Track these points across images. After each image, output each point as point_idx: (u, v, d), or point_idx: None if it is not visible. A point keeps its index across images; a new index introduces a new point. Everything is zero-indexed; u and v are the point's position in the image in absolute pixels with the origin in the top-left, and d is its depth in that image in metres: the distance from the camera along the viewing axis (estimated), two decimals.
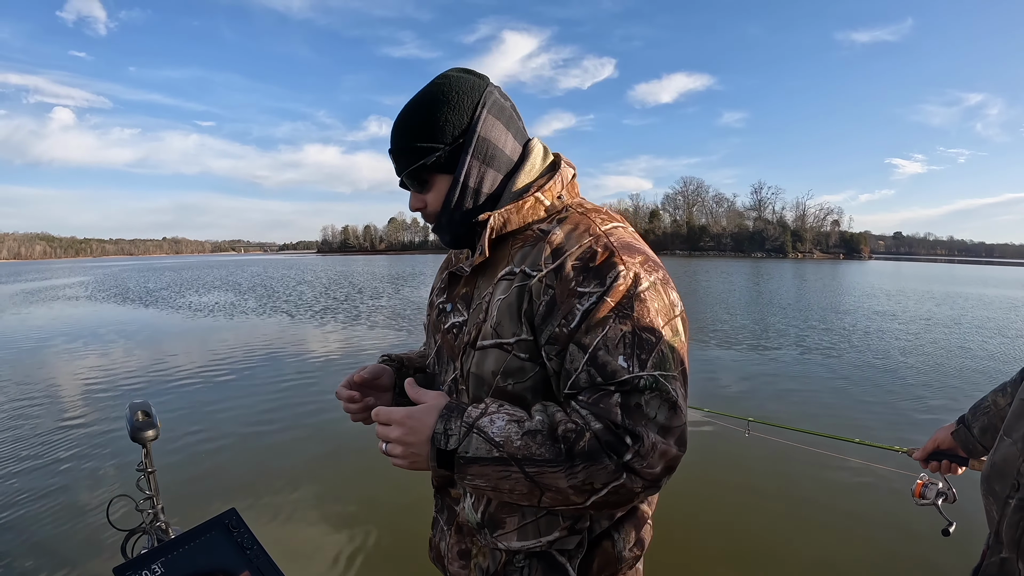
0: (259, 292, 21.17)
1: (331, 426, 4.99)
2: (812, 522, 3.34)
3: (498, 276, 0.87)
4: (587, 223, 0.86)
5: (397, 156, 0.92)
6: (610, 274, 0.79)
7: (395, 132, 0.91)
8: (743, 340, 9.89)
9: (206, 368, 7.54)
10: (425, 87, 0.91)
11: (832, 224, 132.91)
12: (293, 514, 3.39)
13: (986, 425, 1.25)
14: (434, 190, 0.92)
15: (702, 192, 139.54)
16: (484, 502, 0.90)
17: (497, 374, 0.84)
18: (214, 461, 4.25)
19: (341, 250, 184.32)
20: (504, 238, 0.90)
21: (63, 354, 8.89)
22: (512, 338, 0.83)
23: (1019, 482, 0.90)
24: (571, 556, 0.89)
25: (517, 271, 0.85)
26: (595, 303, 0.77)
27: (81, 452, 4.45)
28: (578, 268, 0.80)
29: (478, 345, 0.87)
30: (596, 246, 0.81)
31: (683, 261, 68.23)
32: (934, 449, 1.35)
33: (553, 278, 0.81)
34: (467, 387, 0.89)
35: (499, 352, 0.84)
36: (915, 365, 7.89)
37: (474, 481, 0.76)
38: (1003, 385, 1.25)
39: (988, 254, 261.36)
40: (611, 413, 0.73)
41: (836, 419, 5.35)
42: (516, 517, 0.89)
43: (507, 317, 0.84)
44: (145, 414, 1.92)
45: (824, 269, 49.28)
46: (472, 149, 0.89)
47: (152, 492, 2.00)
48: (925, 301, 18.53)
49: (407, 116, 0.90)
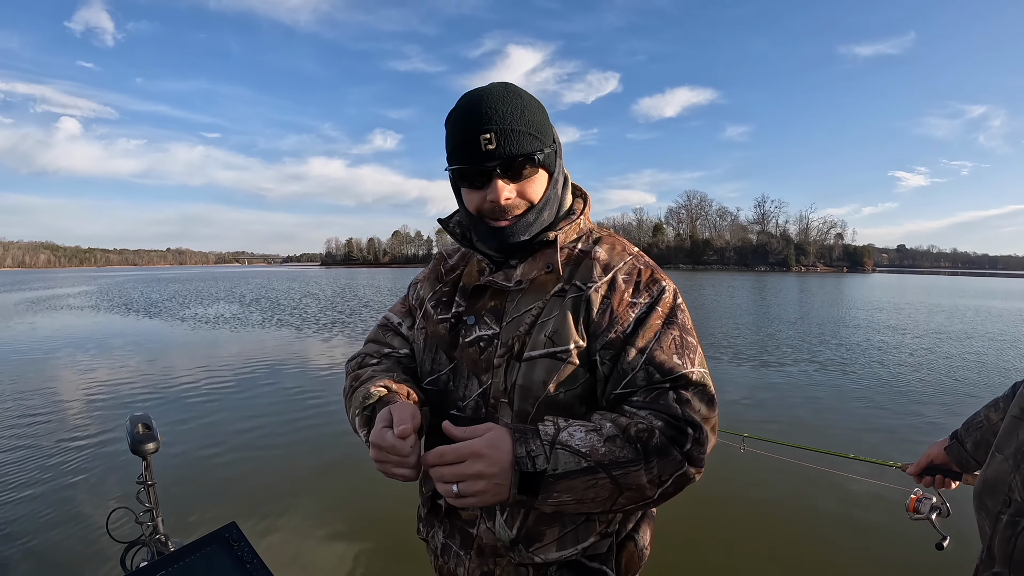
0: (263, 304, 21.18)
1: (333, 440, 4.98)
2: (806, 537, 3.32)
3: (550, 291, 0.91)
4: (621, 244, 0.98)
5: (510, 137, 0.85)
6: (656, 288, 0.91)
7: (507, 114, 0.86)
8: (751, 355, 9.84)
9: (209, 380, 7.54)
10: (513, 86, 0.90)
11: (835, 237, 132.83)
12: (294, 528, 3.37)
13: (979, 440, 1.25)
14: (534, 183, 0.90)
15: (705, 206, 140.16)
16: (521, 517, 0.90)
17: (548, 383, 0.87)
18: (215, 474, 4.24)
19: (345, 263, 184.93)
20: (534, 254, 0.95)
21: (66, 364, 8.90)
22: (570, 346, 0.88)
23: (1010, 498, 0.90)
24: (604, 560, 0.94)
25: (568, 287, 0.91)
26: (647, 312, 0.89)
27: (82, 464, 4.45)
28: (628, 281, 0.91)
29: (525, 356, 0.88)
30: (638, 264, 0.94)
31: (687, 275, 68.07)
32: (928, 464, 1.35)
33: (608, 290, 0.90)
34: (510, 400, 0.89)
35: (551, 362, 0.88)
36: (926, 379, 7.83)
37: (560, 497, 0.76)
38: (995, 400, 1.25)
39: (992, 266, 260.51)
40: (670, 408, 0.82)
41: (836, 435, 5.32)
42: (556, 528, 0.91)
43: (564, 327, 0.88)
44: (145, 427, 1.93)
45: (828, 283, 49.10)
46: (562, 157, 0.95)
47: (152, 505, 2.00)
48: (936, 314, 18.46)
49: (520, 104, 0.87)
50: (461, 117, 0.87)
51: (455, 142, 0.87)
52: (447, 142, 0.90)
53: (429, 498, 1.03)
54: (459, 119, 0.87)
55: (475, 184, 0.88)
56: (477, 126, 0.84)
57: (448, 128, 0.90)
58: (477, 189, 0.89)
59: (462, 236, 1.02)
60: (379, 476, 0.83)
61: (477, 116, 0.85)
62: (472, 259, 1.03)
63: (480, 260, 0.99)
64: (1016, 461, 0.91)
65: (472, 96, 0.88)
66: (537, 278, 0.92)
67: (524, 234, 0.91)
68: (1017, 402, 0.98)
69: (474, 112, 0.85)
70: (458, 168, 0.89)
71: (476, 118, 0.85)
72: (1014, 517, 0.89)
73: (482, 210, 0.90)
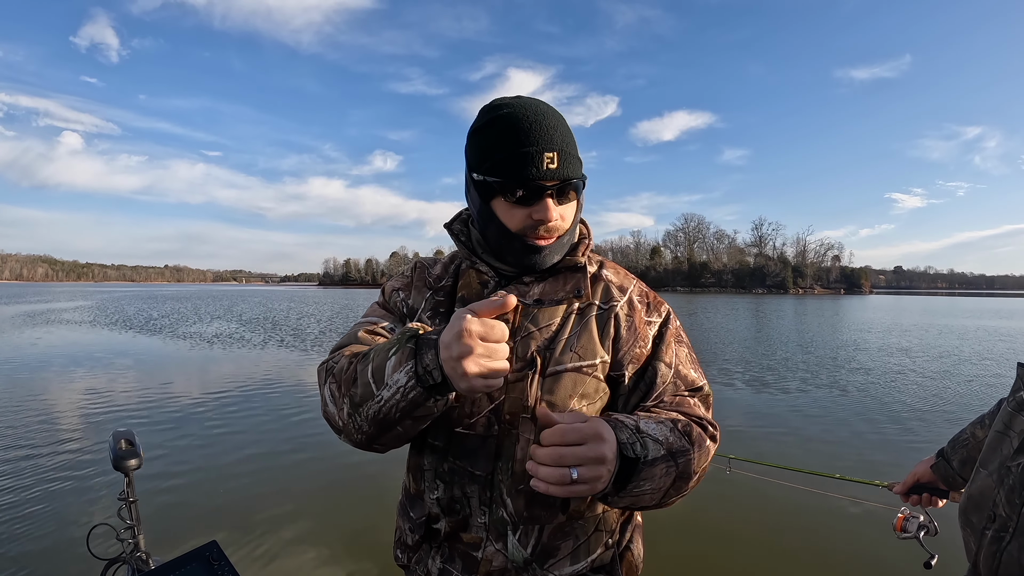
0: (264, 325, 21.11)
1: (319, 461, 4.92)
2: (792, 558, 3.29)
3: (572, 308, 0.94)
4: (621, 268, 1.04)
5: (569, 160, 0.85)
6: (662, 309, 1.00)
7: (566, 136, 0.87)
8: (746, 376, 9.81)
9: (200, 398, 7.48)
10: (554, 110, 0.90)
11: (833, 259, 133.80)
12: (275, 549, 3.32)
13: (965, 458, 1.25)
14: (571, 208, 0.91)
15: (703, 228, 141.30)
16: (536, 533, 0.89)
17: (573, 396, 0.89)
18: (198, 492, 4.19)
19: (343, 283, 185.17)
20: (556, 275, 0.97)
21: (56, 378, 8.82)
22: (596, 360, 0.91)
23: (995, 513, 0.90)
24: (609, 571, 0.95)
25: (584, 305, 0.94)
26: (661, 330, 0.97)
27: (66, 478, 4.39)
28: (641, 302, 0.98)
29: (550, 371, 0.88)
30: (641, 286, 1.02)
31: (685, 298, 68.24)
32: (914, 483, 1.35)
33: (628, 308, 0.96)
34: (532, 415, 0.87)
35: (576, 375, 0.89)
36: (918, 397, 7.76)
37: (643, 486, 0.76)
38: (981, 417, 1.25)
39: (989, 286, 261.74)
40: (697, 409, 0.91)
41: (823, 455, 5.29)
42: (570, 541, 0.91)
43: (591, 342, 0.91)
44: (128, 443, 1.90)
45: (825, 304, 49.24)
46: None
47: (134, 521, 1.96)
48: (946, 335, 18.42)
49: (568, 131, 0.89)
50: (523, 129, 0.84)
51: (510, 153, 0.83)
52: (490, 152, 0.86)
53: (422, 523, 0.95)
54: (519, 131, 0.84)
55: (522, 200, 0.85)
56: (545, 143, 0.83)
57: (497, 136, 0.85)
58: (523, 206, 0.86)
59: (466, 244, 0.99)
60: (366, 498, 0.81)
61: (543, 132, 0.83)
62: (467, 271, 0.99)
63: (483, 272, 0.96)
64: (1000, 476, 0.91)
65: (529, 110, 0.86)
66: (562, 300, 0.93)
67: (558, 255, 0.92)
68: (1001, 418, 0.98)
69: (539, 127, 0.84)
70: (508, 182, 0.85)
71: (542, 134, 0.83)
72: (999, 532, 0.88)
73: (522, 227, 0.87)
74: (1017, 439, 0.91)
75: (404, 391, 0.74)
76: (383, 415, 0.78)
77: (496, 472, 0.89)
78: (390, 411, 0.77)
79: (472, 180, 0.90)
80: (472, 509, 0.90)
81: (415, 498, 0.97)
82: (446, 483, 0.91)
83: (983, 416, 1.25)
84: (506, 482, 0.89)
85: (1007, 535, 0.87)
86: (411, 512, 0.98)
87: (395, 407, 0.76)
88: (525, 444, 0.88)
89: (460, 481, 0.90)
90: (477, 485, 0.89)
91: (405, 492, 1.02)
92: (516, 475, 0.88)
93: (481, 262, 0.97)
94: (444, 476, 0.91)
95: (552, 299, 0.93)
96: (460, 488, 0.90)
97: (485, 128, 0.88)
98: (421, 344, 0.74)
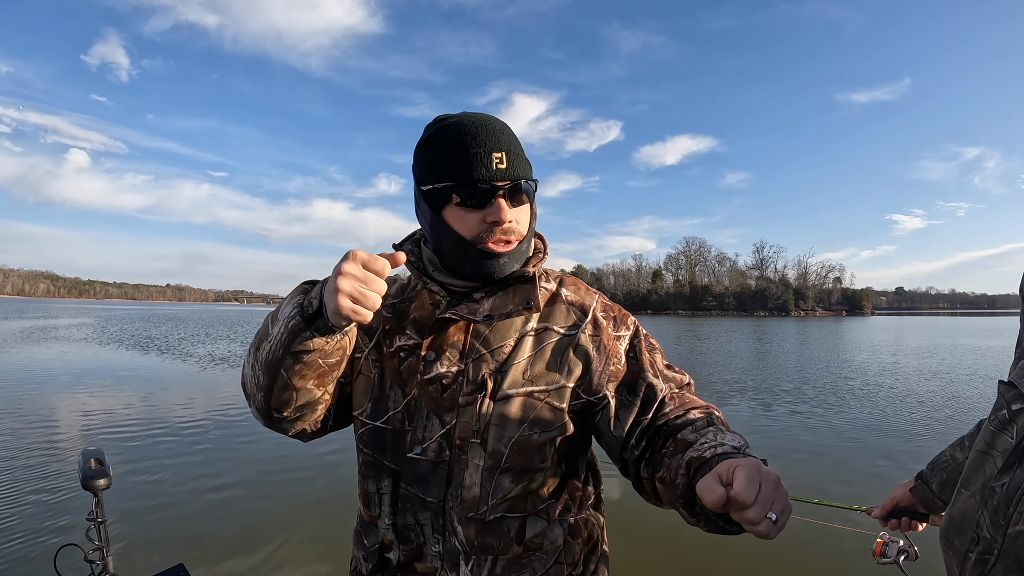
0: None
1: (291, 486, 4.85)
2: None
3: (523, 329, 0.90)
4: (580, 283, 1.00)
5: (517, 160, 0.86)
6: (628, 321, 0.96)
7: (512, 139, 0.87)
8: (774, 400, 9.73)
9: (179, 419, 7.40)
10: (499, 119, 0.90)
11: (834, 281, 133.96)
12: (242, 572, 3.27)
13: (945, 480, 1.22)
14: (524, 212, 0.89)
15: (704, 252, 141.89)
16: (488, 564, 0.86)
17: (524, 423, 0.85)
18: (167, 514, 4.14)
19: None
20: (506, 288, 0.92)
21: (43, 395, 8.78)
22: (550, 387, 0.87)
23: (978, 535, 0.87)
24: None
25: (542, 328, 0.91)
26: (633, 343, 0.93)
27: (35, 497, 4.35)
28: (607, 318, 0.94)
29: (500, 395, 0.85)
30: (604, 300, 0.98)
31: (686, 321, 68.03)
32: (893, 507, 1.32)
33: (594, 329, 0.92)
34: (483, 440, 0.84)
35: (528, 400, 0.86)
36: (907, 418, 7.68)
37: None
38: (961, 439, 1.23)
39: (990, 305, 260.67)
40: (699, 400, 0.90)
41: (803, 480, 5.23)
42: (527, 574, 0.87)
43: (542, 368, 0.88)
44: (98, 462, 1.87)
45: (827, 327, 49.07)
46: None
47: (102, 542, 1.92)
48: (966, 355, 18.30)
49: (514, 136, 0.89)
50: (469, 133, 0.84)
51: (458, 158, 0.83)
52: (438, 160, 0.85)
53: (375, 551, 0.92)
54: (466, 135, 0.84)
55: (473, 204, 0.83)
56: (492, 144, 0.83)
57: (441, 145, 0.85)
58: (476, 209, 0.83)
59: (416, 265, 0.95)
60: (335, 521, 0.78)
61: (489, 135, 0.84)
62: (419, 291, 0.97)
63: (435, 292, 0.92)
64: (983, 497, 0.88)
65: (474, 117, 0.87)
66: (512, 313, 0.88)
67: (517, 263, 0.88)
68: (983, 437, 0.95)
69: (485, 131, 0.84)
70: (457, 185, 0.83)
71: (489, 136, 0.84)
72: (983, 555, 0.85)
73: (477, 233, 0.84)
74: (1001, 459, 0.88)
75: (287, 321, 0.77)
76: (271, 355, 0.80)
77: (447, 499, 0.86)
78: (276, 349, 0.79)
79: (422, 193, 0.88)
80: (426, 538, 0.88)
81: (368, 525, 0.95)
82: (398, 510, 0.88)
83: (963, 438, 1.23)
84: (456, 509, 0.86)
85: (991, 558, 0.84)
86: (364, 540, 0.95)
87: (279, 342, 0.78)
88: (474, 471, 0.85)
89: (412, 508, 0.87)
90: (429, 512, 0.86)
91: (360, 519, 0.99)
92: (466, 503, 0.85)
93: (432, 282, 0.92)
94: (396, 502, 0.89)
95: (501, 313, 0.88)
96: (412, 515, 0.87)
97: (432, 139, 0.88)
98: (316, 284, 0.80)
